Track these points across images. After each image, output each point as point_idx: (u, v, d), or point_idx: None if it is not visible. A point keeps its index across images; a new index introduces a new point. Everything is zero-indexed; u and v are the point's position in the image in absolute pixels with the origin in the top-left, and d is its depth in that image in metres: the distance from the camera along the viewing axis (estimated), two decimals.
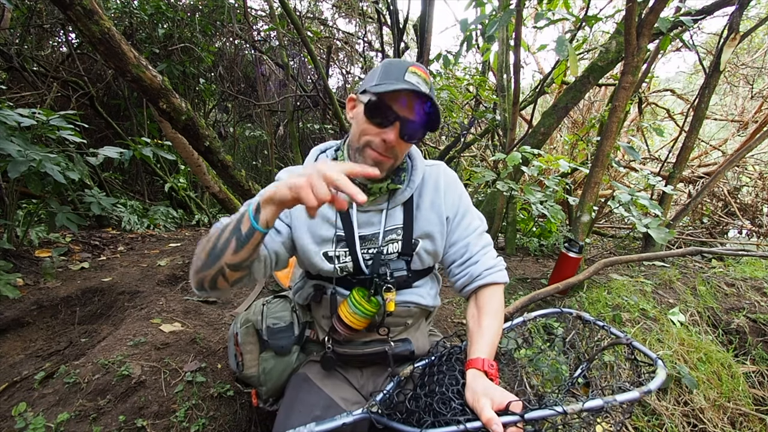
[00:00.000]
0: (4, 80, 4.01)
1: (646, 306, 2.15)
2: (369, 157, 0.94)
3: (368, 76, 0.96)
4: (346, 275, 1.04)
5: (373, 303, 0.99)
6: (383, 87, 0.88)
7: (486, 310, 1.02)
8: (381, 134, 0.91)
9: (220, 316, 2.03)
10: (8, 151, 1.90)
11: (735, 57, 5.55)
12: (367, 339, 1.09)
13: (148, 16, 4.39)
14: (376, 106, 0.90)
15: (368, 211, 1.03)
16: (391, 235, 1.04)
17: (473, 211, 1.12)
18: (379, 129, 0.91)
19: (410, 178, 1.05)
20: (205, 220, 4.79)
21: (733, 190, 4.97)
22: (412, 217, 1.04)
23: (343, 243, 1.02)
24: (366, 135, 0.93)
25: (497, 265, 1.08)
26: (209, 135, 2.28)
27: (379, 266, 1.00)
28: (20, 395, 1.41)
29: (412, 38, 6.01)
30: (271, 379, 1.15)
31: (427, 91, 0.90)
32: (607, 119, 2.43)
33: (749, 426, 1.78)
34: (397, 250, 1.04)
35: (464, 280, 1.07)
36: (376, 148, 0.93)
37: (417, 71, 0.91)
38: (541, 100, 5.63)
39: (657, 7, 2.19)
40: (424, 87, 0.90)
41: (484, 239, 1.11)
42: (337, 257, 1.02)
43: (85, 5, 1.68)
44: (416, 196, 1.06)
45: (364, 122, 0.92)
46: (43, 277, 2.41)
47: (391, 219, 1.04)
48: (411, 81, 0.88)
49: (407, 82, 0.88)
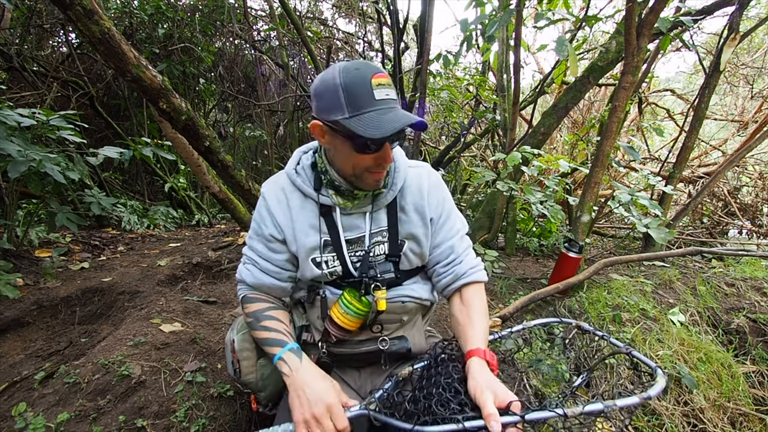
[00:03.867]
0: (4, 80, 4.01)
1: (646, 306, 2.15)
2: (371, 180, 0.95)
3: (327, 98, 0.87)
4: (335, 279, 1.06)
5: (364, 302, 1.01)
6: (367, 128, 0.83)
7: (474, 307, 1.04)
8: (376, 159, 0.91)
9: (220, 316, 2.03)
10: (8, 151, 1.90)
11: (735, 57, 5.55)
12: (363, 338, 1.09)
13: (148, 16, 4.39)
14: (365, 143, 0.88)
15: (352, 214, 1.03)
16: (377, 237, 1.05)
17: (456, 213, 1.14)
18: (370, 154, 0.90)
19: (393, 180, 1.04)
20: (205, 220, 4.80)
21: (733, 190, 4.97)
22: (396, 219, 1.05)
23: (330, 248, 1.03)
24: (359, 162, 0.92)
25: (479, 265, 1.12)
26: (209, 135, 2.28)
27: (367, 268, 1.02)
28: (20, 395, 1.41)
29: (412, 38, 6.01)
30: (269, 384, 1.15)
31: (395, 96, 0.88)
32: (607, 119, 2.43)
33: (749, 426, 1.78)
34: (384, 251, 1.06)
35: (449, 279, 1.09)
36: (375, 170, 0.93)
37: (381, 81, 0.86)
38: (541, 100, 5.63)
39: (657, 7, 2.18)
40: (392, 94, 0.88)
41: (466, 241, 1.14)
42: (326, 262, 1.03)
43: (85, 5, 1.68)
44: (399, 198, 1.06)
45: (356, 155, 0.90)
46: (43, 277, 2.41)
47: (375, 222, 1.05)
48: (381, 98, 0.85)
49: (378, 101, 0.84)
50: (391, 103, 0.87)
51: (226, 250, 3.15)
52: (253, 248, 1.08)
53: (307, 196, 1.03)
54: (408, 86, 5.07)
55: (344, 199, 1.01)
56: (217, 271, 2.77)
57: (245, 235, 3.74)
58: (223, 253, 3.04)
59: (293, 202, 1.04)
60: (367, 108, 0.84)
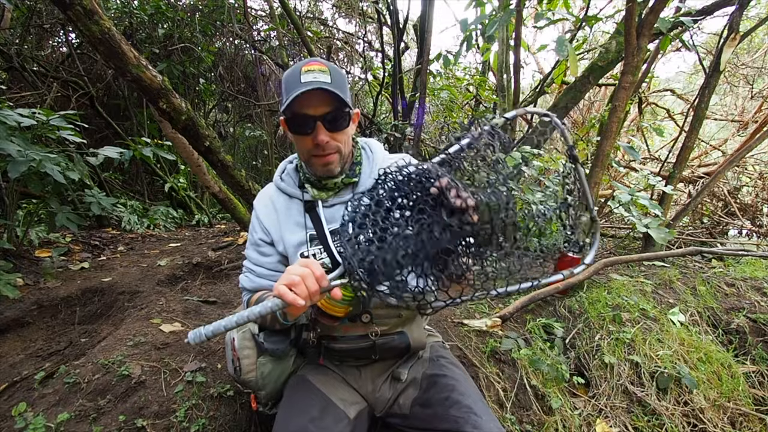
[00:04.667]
0: (4, 80, 4.01)
1: (646, 306, 2.15)
2: (318, 164, 1.02)
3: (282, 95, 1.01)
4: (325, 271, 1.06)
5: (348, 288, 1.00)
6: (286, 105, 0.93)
7: None
8: (313, 140, 0.97)
9: (220, 316, 2.01)
10: (8, 151, 1.90)
11: (735, 57, 5.55)
12: (359, 333, 1.09)
13: (148, 16, 4.40)
14: (293, 122, 0.96)
15: (334, 205, 1.08)
16: None
17: None
18: (308, 136, 0.97)
19: (371, 168, 1.11)
20: (205, 220, 4.79)
21: (733, 190, 4.97)
22: None
23: (316, 241, 1.06)
24: (303, 147, 1.00)
25: None
26: (209, 135, 2.28)
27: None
28: (20, 395, 1.41)
29: (412, 38, 6.01)
30: (269, 383, 1.15)
31: (327, 80, 0.94)
32: (607, 119, 2.43)
33: (749, 426, 1.78)
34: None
35: None
36: (316, 153, 0.99)
37: (311, 67, 0.94)
38: (541, 100, 5.62)
39: (657, 7, 2.19)
40: (322, 77, 0.94)
41: None
42: (313, 255, 1.06)
43: (85, 5, 1.68)
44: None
45: (295, 137, 1.00)
46: (43, 277, 2.41)
47: None
48: (307, 80, 0.93)
49: (303, 84, 0.92)
50: (316, 83, 0.92)
51: (226, 250, 3.15)
52: (248, 257, 1.15)
53: (292, 197, 1.11)
54: (408, 86, 5.07)
55: (318, 189, 1.07)
56: (217, 271, 2.77)
57: (245, 235, 3.73)
58: (223, 253, 3.04)
59: (279, 205, 1.11)
60: (293, 91, 0.93)
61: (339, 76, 0.97)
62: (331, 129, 0.97)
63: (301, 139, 0.98)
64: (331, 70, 0.96)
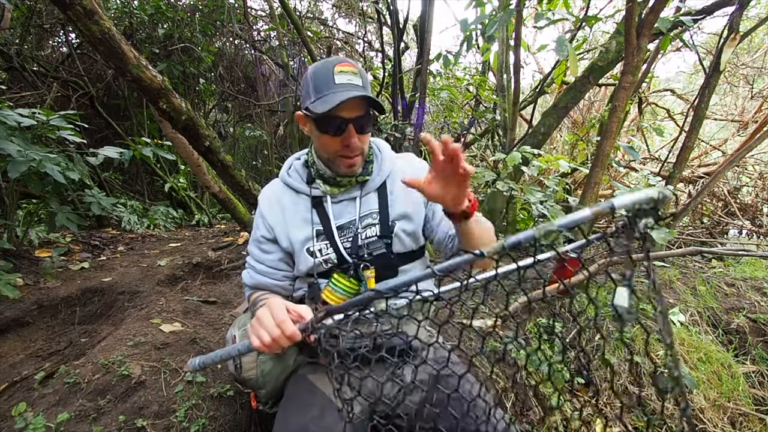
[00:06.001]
0: (4, 80, 4.01)
1: (646, 306, 2.15)
2: (343, 165, 1.02)
3: (304, 89, 0.99)
4: (331, 267, 1.08)
5: (352, 282, 1.03)
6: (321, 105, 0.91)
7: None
8: (342, 141, 0.97)
9: (220, 316, 2.03)
10: (8, 151, 1.90)
11: (735, 57, 5.55)
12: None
13: (148, 16, 4.40)
14: (323, 121, 0.95)
15: (342, 201, 1.09)
16: (368, 219, 1.08)
17: None
18: (337, 137, 0.97)
19: (380, 166, 1.11)
20: (205, 220, 4.79)
21: (733, 190, 4.96)
22: (386, 201, 1.09)
23: (322, 236, 1.07)
24: (329, 147, 1.00)
25: None
26: (209, 135, 2.28)
27: (357, 248, 1.05)
28: (20, 395, 1.41)
29: (412, 38, 6.01)
30: (269, 381, 1.15)
31: (360, 83, 0.94)
32: (607, 119, 2.43)
33: (749, 426, 1.78)
34: (376, 233, 1.08)
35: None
36: (344, 154, 1.00)
37: (344, 68, 0.94)
38: (541, 100, 5.62)
39: (657, 7, 2.18)
40: (356, 80, 0.94)
41: None
42: (319, 251, 1.07)
43: (85, 5, 1.68)
44: (389, 182, 1.12)
45: (322, 136, 0.99)
46: (43, 277, 2.41)
47: (365, 205, 1.09)
48: (342, 82, 0.93)
49: (338, 85, 0.92)
50: (351, 87, 0.92)
51: (226, 250, 3.15)
52: (250, 252, 1.16)
53: (300, 193, 1.11)
54: (408, 86, 5.07)
55: (330, 185, 1.07)
56: (217, 271, 2.77)
57: (245, 235, 3.73)
58: (223, 253, 3.04)
59: (285, 201, 1.11)
60: (327, 91, 0.92)
61: (366, 78, 0.99)
62: (360, 132, 0.98)
63: (329, 138, 0.98)
64: (360, 73, 0.96)
